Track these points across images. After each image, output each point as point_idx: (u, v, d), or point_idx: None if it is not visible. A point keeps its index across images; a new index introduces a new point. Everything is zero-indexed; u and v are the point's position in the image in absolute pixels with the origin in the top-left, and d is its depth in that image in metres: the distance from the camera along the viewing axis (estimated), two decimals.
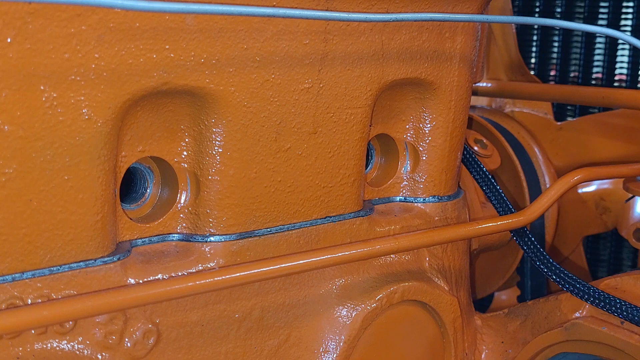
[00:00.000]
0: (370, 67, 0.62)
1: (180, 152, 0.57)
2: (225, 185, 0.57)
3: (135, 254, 0.55)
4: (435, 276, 0.73)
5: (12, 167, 0.47)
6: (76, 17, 0.46)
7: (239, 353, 0.60)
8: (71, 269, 0.51)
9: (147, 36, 0.49)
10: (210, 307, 0.58)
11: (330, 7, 0.57)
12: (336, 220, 0.64)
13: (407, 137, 0.71)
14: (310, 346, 0.64)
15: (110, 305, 0.50)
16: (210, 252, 0.57)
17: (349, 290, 0.66)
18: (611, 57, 1.21)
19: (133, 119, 0.53)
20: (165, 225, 0.58)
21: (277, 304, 0.62)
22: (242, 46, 0.53)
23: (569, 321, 0.75)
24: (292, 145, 0.59)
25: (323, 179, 0.62)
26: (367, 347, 0.67)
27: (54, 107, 0.47)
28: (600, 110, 1.15)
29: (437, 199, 0.72)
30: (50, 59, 0.46)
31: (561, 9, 1.23)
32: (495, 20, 0.65)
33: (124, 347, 0.54)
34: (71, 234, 0.50)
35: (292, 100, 0.58)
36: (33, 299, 0.49)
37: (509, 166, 1.03)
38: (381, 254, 0.66)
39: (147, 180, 0.58)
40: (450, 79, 0.68)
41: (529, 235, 0.78)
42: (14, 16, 0.44)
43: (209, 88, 0.53)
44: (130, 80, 0.49)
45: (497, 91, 1.10)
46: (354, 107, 0.62)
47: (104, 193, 0.51)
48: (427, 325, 0.71)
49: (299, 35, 0.56)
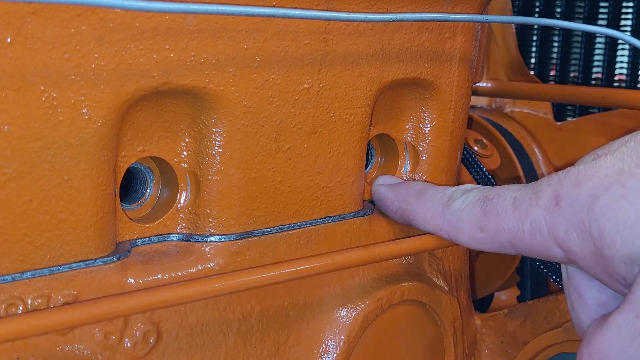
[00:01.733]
0: (370, 67, 0.62)
1: (180, 152, 0.57)
2: (225, 185, 0.57)
3: (135, 254, 0.55)
4: (435, 276, 0.73)
5: (12, 167, 0.47)
6: (76, 17, 0.46)
7: (239, 353, 0.60)
8: (71, 269, 0.51)
9: (147, 36, 0.49)
10: (210, 307, 0.58)
11: (330, 7, 0.57)
12: (336, 220, 0.64)
13: (407, 137, 0.71)
14: (310, 346, 0.64)
15: (111, 312, 0.49)
16: (210, 252, 0.57)
17: (349, 290, 0.66)
18: (611, 57, 1.21)
19: (133, 119, 0.53)
20: (165, 225, 0.58)
21: (277, 304, 0.62)
22: (242, 46, 0.53)
23: (569, 321, 0.75)
24: (292, 145, 0.59)
25: (323, 179, 0.62)
26: (367, 347, 0.67)
27: (54, 107, 0.47)
28: (600, 110, 1.15)
29: None
30: (50, 59, 0.46)
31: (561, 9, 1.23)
32: (495, 20, 0.65)
33: (124, 347, 0.54)
34: (71, 234, 0.50)
35: (292, 100, 0.58)
36: (33, 299, 0.49)
37: (509, 166, 1.03)
38: (382, 259, 0.66)
39: (147, 180, 0.58)
40: (450, 79, 0.68)
41: None
42: (14, 16, 0.44)
43: (209, 88, 0.53)
44: (130, 80, 0.49)
45: (497, 91, 1.10)
46: (354, 107, 0.62)
47: (104, 193, 0.51)
48: (427, 325, 0.71)
49: (299, 35, 0.56)
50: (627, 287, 0.45)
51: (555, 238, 0.47)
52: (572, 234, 0.46)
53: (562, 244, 0.47)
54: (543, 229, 0.48)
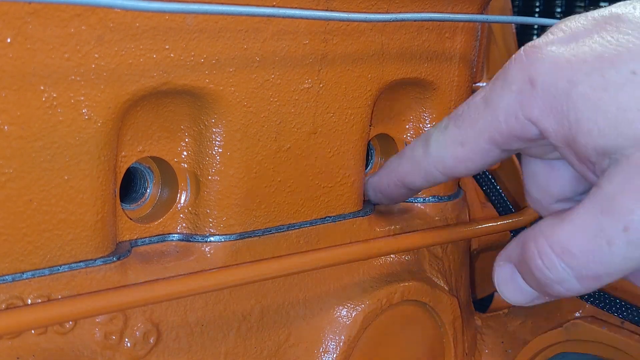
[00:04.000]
0: (370, 67, 0.62)
1: (180, 152, 0.57)
2: (225, 185, 0.57)
3: (135, 254, 0.55)
4: (435, 276, 0.73)
5: (12, 167, 0.47)
6: (76, 17, 0.46)
7: (239, 353, 0.60)
8: (71, 269, 0.51)
9: (147, 36, 0.49)
10: (210, 307, 0.58)
11: (330, 7, 0.57)
12: (336, 220, 0.64)
13: (407, 137, 0.71)
14: (310, 346, 0.64)
15: (110, 305, 0.50)
16: (210, 252, 0.57)
17: (349, 290, 0.66)
18: None
19: (133, 119, 0.53)
20: (165, 225, 0.58)
21: (277, 304, 0.62)
22: (242, 46, 0.53)
23: (569, 321, 0.75)
24: (292, 145, 0.59)
25: (323, 179, 0.62)
26: (367, 347, 0.67)
27: (54, 107, 0.47)
28: None
29: (437, 199, 0.72)
30: (50, 59, 0.46)
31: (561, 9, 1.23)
32: (495, 20, 0.65)
33: (124, 347, 0.54)
34: (71, 234, 0.50)
35: (292, 100, 0.58)
36: (33, 299, 0.49)
37: (509, 166, 1.03)
38: (382, 254, 0.66)
39: (147, 180, 0.58)
40: (450, 79, 0.68)
41: None
42: (14, 16, 0.44)
43: (209, 88, 0.53)
44: (130, 80, 0.49)
45: None
46: (354, 107, 0.62)
47: (104, 193, 0.51)
48: (427, 325, 0.71)
49: (299, 35, 0.56)
50: (593, 173, 0.45)
51: (530, 118, 0.46)
52: (549, 115, 0.45)
53: (536, 123, 0.46)
54: (518, 112, 0.47)
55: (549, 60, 0.46)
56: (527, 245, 0.46)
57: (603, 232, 0.42)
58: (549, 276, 0.45)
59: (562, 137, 0.45)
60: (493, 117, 0.49)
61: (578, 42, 0.45)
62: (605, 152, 0.43)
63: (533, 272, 0.46)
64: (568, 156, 0.46)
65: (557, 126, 0.45)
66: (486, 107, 0.49)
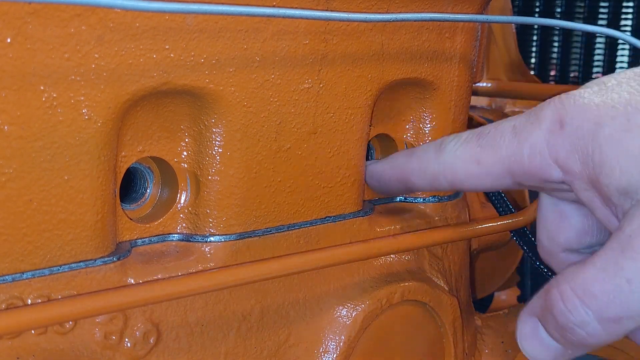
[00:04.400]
0: (370, 67, 0.62)
1: (180, 152, 0.57)
2: (225, 185, 0.57)
3: (135, 254, 0.55)
4: (435, 276, 0.73)
5: (12, 167, 0.47)
6: (76, 17, 0.46)
7: (239, 353, 0.60)
8: (71, 269, 0.51)
9: (147, 36, 0.49)
10: (210, 307, 0.58)
11: (330, 7, 0.57)
12: (336, 220, 0.64)
13: (407, 137, 0.71)
14: (310, 346, 0.64)
15: (110, 305, 0.50)
16: (210, 252, 0.57)
17: (349, 290, 0.66)
18: (611, 57, 1.21)
19: (133, 119, 0.53)
20: (165, 225, 0.58)
21: (277, 304, 0.62)
22: (242, 46, 0.54)
23: None
24: (292, 145, 0.59)
25: (323, 179, 0.62)
26: (367, 347, 0.67)
27: (54, 107, 0.47)
28: None
29: (437, 199, 0.72)
30: (50, 59, 0.46)
31: (561, 9, 1.23)
32: (495, 20, 0.65)
33: (124, 347, 0.54)
34: (71, 234, 0.50)
35: (292, 100, 0.58)
36: (33, 299, 0.49)
37: None
38: (382, 254, 0.66)
39: (147, 180, 0.59)
40: (450, 79, 0.68)
41: (529, 235, 0.78)
42: (14, 16, 0.44)
43: (209, 88, 0.53)
44: (130, 80, 0.49)
45: (497, 91, 1.10)
46: (354, 107, 0.62)
47: (104, 193, 0.51)
48: (427, 325, 0.71)
49: (299, 35, 0.56)
50: (616, 217, 0.45)
51: (557, 160, 0.47)
52: (574, 156, 0.46)
53: (562, 165, 0.47)
54: (544, 151, 0.48)
55: (580, 104, 0.47)
56: (551, 292, 0.46)
57: (623, 271, 0.42)
58: (571, 319, 0.44)
59: (587, 178, 0.46)
60: (518, 149, 0.49)
61: (609, 90, 0.47)
62: (627, 192, 0.44)
63: (556, 317, 0.45)
64: (591, 199, 0.47)
65: (582, 167, 0.46)
66: (514, 136, 0.50)
